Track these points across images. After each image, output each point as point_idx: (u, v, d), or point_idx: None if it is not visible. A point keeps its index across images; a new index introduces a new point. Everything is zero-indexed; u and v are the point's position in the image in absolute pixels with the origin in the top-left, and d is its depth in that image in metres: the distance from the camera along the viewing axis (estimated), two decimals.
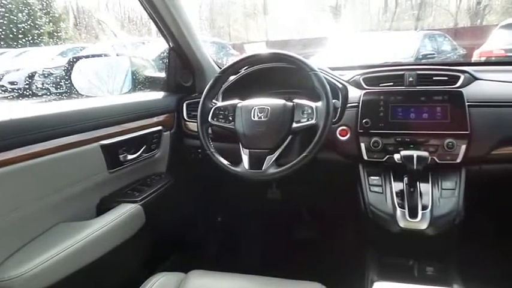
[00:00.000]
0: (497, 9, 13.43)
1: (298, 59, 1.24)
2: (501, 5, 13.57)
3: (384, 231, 1.19)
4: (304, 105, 1.21)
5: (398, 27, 12.90)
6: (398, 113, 1.28)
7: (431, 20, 13.58)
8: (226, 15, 13.81)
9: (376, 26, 13.77)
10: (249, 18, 13.73)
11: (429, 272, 1.22)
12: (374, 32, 12.21)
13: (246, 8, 13.73)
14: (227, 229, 2.00)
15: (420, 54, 6.07)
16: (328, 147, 1.30)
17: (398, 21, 13.46)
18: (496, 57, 5.51)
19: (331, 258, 1.57)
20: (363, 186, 1.28)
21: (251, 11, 13.76)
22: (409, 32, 9.26)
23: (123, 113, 1.34)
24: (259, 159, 1.20)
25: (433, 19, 13.69)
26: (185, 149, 1.62)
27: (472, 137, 1.20)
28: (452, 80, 1.31)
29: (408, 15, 13.84)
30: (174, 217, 1.67)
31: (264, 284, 1.03)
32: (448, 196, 1.18)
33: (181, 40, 1.52)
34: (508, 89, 1.29)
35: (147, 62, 1.81)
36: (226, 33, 13.24)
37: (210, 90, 1.33)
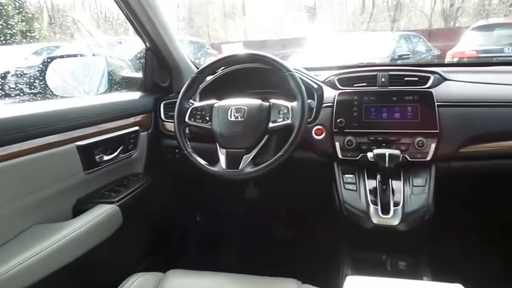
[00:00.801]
0: (469, 12, 13.83)
1: (274, 59, 1.26)
2: (473, 7, 13.97)
3: (358, 227, 1.23)
4: (280, 105, 1.23)
5: (375, 28, 13.12)
6: (371, 113, 1.32)
7: (407, 21, 13.87)
8: (205, 14, 13.74)
9: (353, 26, 13.97)
10: (228, 18, 13.71)
11: (401, 266, 1.27)
12: (351, 32, 12.39)
13: (225, 8, 13.70)
14: (206, 229, 2.01)
15: (396, 54, 6.20)
16: (304, 146, 1.33)
17: (375, 22, 13.69)
18: (468, 58, 5.68)
19: (308, 255, 1.60)
20: (338, 184, 1.31)
21: (230, 10, 13.74)
22: (385, 32, 9.44)
23: (99, 114, 1.33)
24: (236, 158, 1.22)
25: (409, 20, 13.99)
26: (162, 149, 1.62)
27: (441, 136, 1.25)
28: (423, 81, 1.35)
29: (384, 16, 14.10)
30: (152, 217, 1.66)
31: (241, 282, 1.05)
32: (419, 193, 1.23)
33: (157, 40, 1.51)
34: (475, 90, 1.35)
35: (124, 62, 1.80)
36: (205, 33, 13.16)
37: (187, 90, 1.34)
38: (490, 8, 13.50)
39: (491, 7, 13.54)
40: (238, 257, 1.85)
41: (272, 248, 1.83)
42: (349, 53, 5.49)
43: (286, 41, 8.52)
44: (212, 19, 13.70)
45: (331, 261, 1.35)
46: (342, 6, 14.37)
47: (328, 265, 1.31)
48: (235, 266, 1.79)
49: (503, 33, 5.90)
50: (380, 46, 6.36)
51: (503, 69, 1.61)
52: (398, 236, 1.22)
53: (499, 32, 5.95)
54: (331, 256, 1.37)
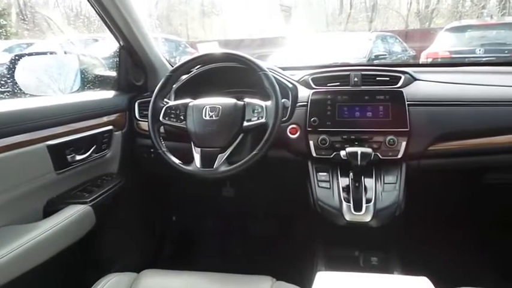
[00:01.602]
0: (444, 13, 14.19)
1: (249, 59, 1.27)
2: (447, 9, 14.35)
3: (332, 224, 1.25)
4: (254, 104, 1.24)
5: (353, 28, 13.30)
6: (344, 112, 1.34)
7: (384, 21, 14.13)
8: (183, 13, 13.63)
9: (331, 26, 14.13)
10: (207, 16, 13.64)
11: (373, 262, 1.30)
12: (330, 32, 12.53)
13: (204, 6, 13.62)
14: (182, 228, 2.00)
15: (373, 54, 6.31)
16: (279, 145, 1.34)
17: (352, 22, 13.88)
18: (441, 59, 5.83)
19: (283, 253, 1.62)
20: (312, 182, 1.33)
21: (209, 9, 13.67)
22: (362, 33, 9.59)
23: (71, 112, 1.31)
24: (211, 157, 1.22)
25: (386, 21, 14.25)
26: (137, 149, 1.60)
27: (411, 134, 1.28)
28: (394, 81, 1.38)
29: (362, 16, 14.32)
30: (127, 217, 1.65)
31: (215, 280, 1.05)
32: (390, 190, 1.26)
33: (131, 38, 1.50)
34: (444, 89, 1.39)
35: (97, 60, 1.77)
36: (184, 31, 13.07)
37: (161, 89, 1.33)
38: (463, 10, 13.88)
39: (464, 9, 13.93)
40: (214, 255, 1.85)
41: (248, 246, 1.84)
42: (327, 53, 5.56)
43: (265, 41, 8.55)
44: (191, 17, 13.61)
45: (305, 258, 1.37)
46: (321, 6, 14.51)
47: (303, 262, 1.33)
48: (211, 264, 1.79)
49: (474, 34, 6.08)
50: (357, 46, 6.46)
51: (472, 69, 1.67)
52: (370, 232, 1.25)
53: (471, 34, 6.13)
54: (305, 253, 1.39)
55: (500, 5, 13.13)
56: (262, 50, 6.46)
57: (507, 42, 5.71)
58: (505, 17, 11.26)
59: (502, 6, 13.00)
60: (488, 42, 5.81)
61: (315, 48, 6.14)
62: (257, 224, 1.95)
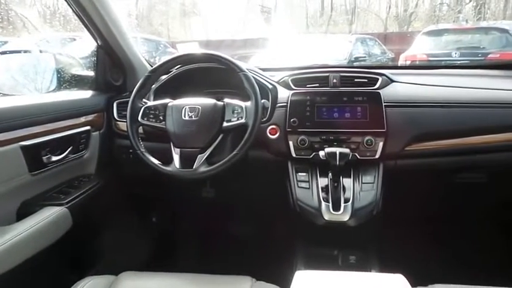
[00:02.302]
0: (422, 17, 14.52)
1: (229, 59, 1.27)
2: (425, 13, 14.69)
3: (311, 224, 1.26)
4: (234, 104, 1.24)
5: (333, 30, 13.46)
6: (323, 113, 1.36)
7: (364, 24, 14.35)
8: (164, 12, 13.51)
9: (312, 28, 14.26)
10: (188, 16, 13.55)
11: (352, 260, 1.32)
12: (311, 34, 12.65)
13: (185, 6, 13.53)
14: (161, 229, 1.99)
15: (353, 56, 6.41)
16: (259, 145, 1.35)
17: (333, 24, 14.05)
18: (419, 61, 5.96)
19: (263, 253, 1.62)
20: (291, 182, 1.34)
21: (190, 9, 13.59)
22: (343, 35, 9.71)
23: (47, 113, 1.28)
24: (191, 158, 1.22)
25: (366, 23, 14.48)
26: (116, 149, 1.58)
27: (388, 135, 1.31)
28: (372, 82, 1.41)
29: (343, 19, 14.50)
30: (105, 219, 1.62)
31: (195, 281, 1.05)
32: (368, 189, 1.28)
33: (109, 38, 1.47)
34: (419, 91, 1.42)
35: (74, 59, 1.73)
36: (164, 31, 12.95)
37: (140, 89, 1.32)
38: (440, 14, 14.25)
39: (442, 13, 14.30)
40: (195, 256, 1.84)
41: (228, 246, 1.84)
42: (308, 55, 5.60)
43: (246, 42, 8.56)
44: (171, 17, 13.50)
45: (285, 258, 1.38)
46: (302, 8, 14.63)
47: (283, 262, 1.33)
48: (191, 265, 1.78)
49: (451, 38, 6.25)
50: (338, 48, 6.55)
51: (447, 72, 1.71)
52: (348, 231, 1.27)
53: (447, 37, 6.29)
54: (285, 253, 1.40)
55: (475, 10, 13.53)
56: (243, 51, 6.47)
57: (481, 46, 5.89)
58: (480, 21, 11.61)
59: (477, 12, 13.41)
60: (463, 46, 5.97)
61: (297, 49, 6.20)
62: (237, 224, 1.95)
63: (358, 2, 14.83)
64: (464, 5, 13.73)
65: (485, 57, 5.51)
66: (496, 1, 14.00)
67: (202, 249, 1.89)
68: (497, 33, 5.96)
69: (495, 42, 5.81)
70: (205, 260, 1.77)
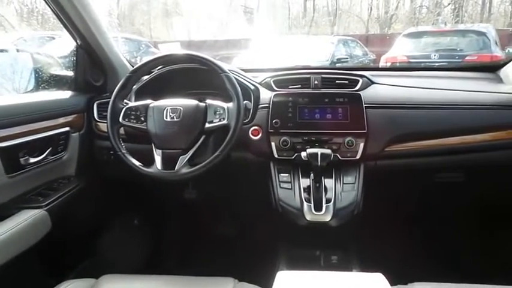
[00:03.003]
0: (402, 19, 14.79)
1: (211, 60, 1.27)
2: (405, 15, 14.97)
3: (293, 224, 1.27)
4: (216, 105, 1.24)
5: (316, 31, 13.58)
6: (305, 114, 1.37)
7: (346, 26, 14.53)
8: (146, 12, 13.37)
9: (295, 29, 14.35)
10: (171, 16, 13.45)
11: (333, 260, 1.33)
12: (294, 35, 12.71)
13: (167, 6, 13.42)
14: (144, 232, 1.97)
15: (335, 58, 6.47)
16: (242, 146, 1.35)
17: (315, 26, 14.17)
18: (399, 63, 6.06)
19: (246, 254, 1.62)
20: (274, 183, 1.34)
21: (172, 9, 13.49)
22: (325, 36, 9.79)
23: (24, 113, 1.25)
24: (172, 159, 1.21)
25: (348, 25, 14.66)
26: (96, 151, 1.56)
27: (369, 136, 1.32)
28: (352, 84, 1.43)
29: (325, 20, 14.64)
30: (86, 221, 1.60)
31: (177, 283, 1.04)
32: (349, 190, 1.29)
33: (89, 37, 1.45)
34: (399, 92, 1.44)
35: (53, 59, 1.70)
36: (146, 31, 12.81)
37: (121, 90, 1.30)
38: (420, 17, 14.55)
39: (421, 15, 14.59)
40: (177, 258, 1.83)
41: (211, 248, 1.84)
42: (291, 56, 5.63)
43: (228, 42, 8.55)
44: (153, 17, 13.37)
45: (268, 258, 1.38)
46: (285, 9, 14.70)
47: (265, 262, 1.34)
48: (174, 267, 1.77)
49: (430, 40, 6.37)
50: (320, 49, 6.61)
51: (426, 74, 1.74)
52: (330, 232, 1.28)
53: (427, 40, 6.42)
54: (268, 254, 1.40)
55: (453, 13, 13.86)
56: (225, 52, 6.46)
57: (459, 48, 6.03)
58: (458, 24, 11.89)
59: (455, 14, 13.75)
60: (442, 48, 6.10)
61: (279, 50, 6.22)
62: (220, 226, 1.95)
63: (340, 4, 15.02)
64: (443, 8, 14.06)
65: (463, 59, 5.63)
66: (473, 4, 14.39)
67: (185, 251, 1.88)
68: (475, 36, 6.11)
69: (472, 45, 5.95)
70: (188, 262, 1.76)
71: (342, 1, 15.19)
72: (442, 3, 14.03)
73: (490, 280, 0.94)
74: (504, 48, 5.93)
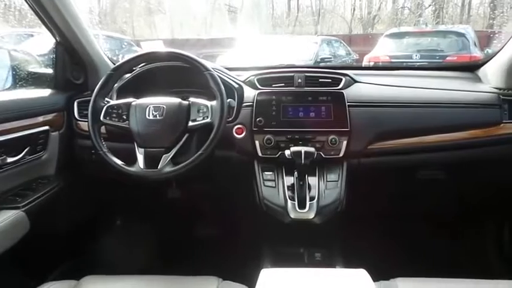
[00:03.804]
0: (384, 20, 15.00)
1: (194, 58, 1.26)
2: (388, 16, 15.19)
3: (277, 222, 1.27)
4: (199, 104, 1.23)
5: (300, 31, 13.65)
6: (289, 112, 1.37)
7: (330, 26, 14.65)
8: (129, 10, 13.19)
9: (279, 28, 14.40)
10: (154, 14, 13.31)
11: (317, 258, 1.34)
12: (278, 35, 12.75)
13: (150, 4, 13.27)
14: (127, 232, 1.94)
15: (319, 57, 6.51)
16: (225, 145, 1.35)
17: (300, 25, 14.24)
18: (382, 63, 6.13)
19: (230, 253, 1.62)
20: (258, 181, 1.35)
21: (155, 7, 13.35)
22: (309, 36, 9.85)
23: (1, 112, 1.22)
24: (155, 158, 1.20)
25: (331, 25, 14.79)
26: (77, 150, 1.53)
27: (352, 134, 1.34)
28: (336, 82, 1.44)
29: (309, 20, 14.74)
30: (66, 222, 1.57)
31: (160, 283, 1.03)
32: (332, 187, 1.31)
33: (69, 34, 1.42)
34: (381, 91, 1.46)
35: (31, 56, 1.66)
36: (129, 29, 12.65)
37: (102, 88, 1.28)
38: (402, 17, 14.79)
39: (403, 16, 14.83)
40: (161, 258, 1.81)
41: (196, 247, 1.82)
42: (275, 55, 5.63)
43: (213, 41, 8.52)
44: (136, 15, 13.20)
45: (252, 257, 1.38)
46: (269, 8, 14.74)
47: (250, 261, 1.34)
48: (157, 267, 1.75)
49: (411, 41, 6.47)
50: (304, 49, 6.63)
51: (407, 73, 1.77)
52: (314, 229, 1.29)
53: (408, 40, 6.51)
54: (252, 252, 1.41)
55: (434, 14, 14.14)
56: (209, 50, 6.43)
57: (439, 48, 6.13)
58: (439, 25, 12.12)
59: (436, 15, 14.03)
60: (423, 48, 6.20)
61: (264, 50, 6.22)
62: (204, 225, 1.94)
63: (324, 4, 15.15)
64: (424, 9, 14.33)
65: (443, 60, 5.74)
66: (453, 6, 14.70)
67: (169, 251, 1.86)
68: (455, 36, 6.22)
69: (452, 46, 6.06)
70: (172, 262, 1.74)
71: (325, 1, 15.34)
72: (423, 5, 14.30)
73: (471, 274, 0.96)
74: (483, 49, 6.04)
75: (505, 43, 1.46)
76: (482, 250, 1.75)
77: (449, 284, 0.96)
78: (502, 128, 1.36)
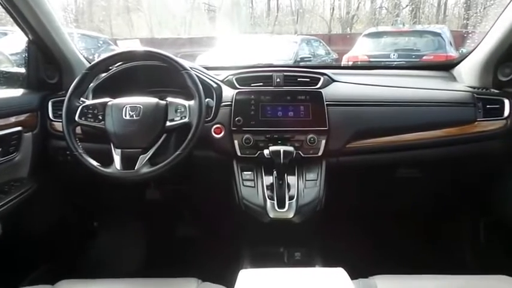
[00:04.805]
0: (363, 19, 15.22)
1: (171, 57, 1.24)
2: (366, 16, 15.41)
3: (256, 222, 1.27)
4: (177, 103, 1.22)
5: (280, 30, 13.70)
6: (268, 112, 1.37)
7: (309, 25, 14.77)
8: (107, 8, 12.95)
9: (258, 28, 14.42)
10: (132, 13, 13.12)
11: (297, 257, 1.35)
12: (258, 34, 12.77)
13: (128, 2, 13.08)
14: (104, 234, 1.90)
15: (299, 57, 6.56)
16: (204, 145, 1.34)
17: (279, 25, 14.29)
18: (361, 62, 6.21)
19: (210, 253, 1.61)
20: (237, 181, 1.34)
21: (134, 6, 13.16)
22: (289, 36, 9.90)
23: None
24: (132, 159, 1.18)
25: (311, 25, 14.90)
26: (51, 151, 1.49)
27: (330, 133, 1.35)
28: (314, 82, 1.44)
29: (288, 20, 14.81)
30: (41, 225, 1.53)
31: (139, 286, 1.02)
32: (311, 186, 1.31)
33: (42, 32, 1.38)
34: (359, 90, 1.48)
35: (3, 55, 1.61)
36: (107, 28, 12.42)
37: (77, 87, 1.25)
38: (380, 17, 15.04)
39: (381, 16, 15.08)
40: (139, 260, 1.79)
41: (175, 248, 1.81)
42: (255, 55, 5.64)
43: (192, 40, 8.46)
44: (115, 14, 12.98)
45: (232, 257, 1.38)
46: (249, 8, 14.74)
47: (229, 262, 1.33)
48: (137, 270, 1.73)
49: (389, 40, 6.59)
50: (284, 49, 6.66)
51: (385, 72, 1.79)
52: (293, 228, 1.29)
53: (386, 39, 6.63)
54: (232, 253, 1.40)
55: (411, 14, 14.44)
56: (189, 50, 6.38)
57: (415, 48, 6.26)
58: (416, 25, 12.37)
59: (413, 15, 14.33)
60: (401, 48, 6.31)
61: (244, 49, 6.22)
62: (183, 226, 1.92)
63: (303, 4, 15.25)
64: (402, 9, 14.61)
65: (420, 59, 5.86)
66: (430, 6, 15.04)
67: (148, 253, 1.84)
68: (431, 36, 6.36)
69: (429, 45, 6.19)
70: (150, 264, 1.72)
71: (305, 1, 15.47)
72: (400, 5, 14.56)
73: (447, 270, 0.98)
74: (458, 49, 6.19)
75: (478, 43, 1.50)
76: (458, 247, 1.79)
77: (427, 280, 0.98)
78: (477, 126, 1.39)
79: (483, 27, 1.39)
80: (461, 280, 0.97)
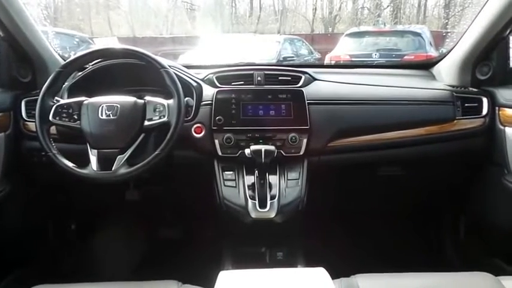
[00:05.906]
0: (345, 19, 15.38)
1: (149, 55, 1.22)
2: (348, 16, 15.59)
3: (238, 222, 1.26)
4: (156, 102, 1.19)
5: (263, 30, 13.72)
6: (249, 110, 1.36)
7: (292, 25, 14.84)
8: (86, 6, 12.72)
9: (241, 27, 14.42)
10: (112, 11, 12.93)
11: (279, 257, 1.33)
12: (241, 34, 12.75)
13: (109, 1, 12.88)
14: (82, 237, 1.86)
15: (281, 56, 6.59)
16: (184, 144, 1.31)
17: (262, 24, 14.32)
18: (343, 61, 6.26)
19: (191, 255, 1.59)
20: (218, 181, 1.32)
21: (114, 4, 12.97)
22: (272, 35, 9.92)
23: None
24: (109, 159, 1.15)
25: (294, 24, 14.98)
26: (25, 152, 1.44)
27: (312, 132, 1.34)
28: (295, 80, 1.43)
29: (271, 19, 14.86)
30: (15, 228, 1.48)
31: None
32: (293, 186, 1.30)
33: (13, 29, 1.33)
34: (340, 89, 1.47)
35: None
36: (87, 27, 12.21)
37: (51, 86, 1.21)
38: (362, 17, 15.24)
39: (363, 16, 15.28)
40: (119, 263, 1.75)
41: (155, 250, 1.78)
42: (237, 54, 5.63)
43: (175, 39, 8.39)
44: (95, 12, 12.78)
45: (213, 259, 1.36)
46: (231, 7, 14.72)
47: (210, 263, 1.31)
48: (115, 273, 1.69)
49: (371, 40, 6.67)
50: (267, 48, 6.68)
51: (366, 71, 1.80)
52: (275, 228, 1.28)
53: (368, 39, 6.71)
54: (213, 254, 1.38)
55: (392, 14, 14.67)
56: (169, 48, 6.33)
57: (396, 47, 6.36)
58: (397, 25, 12.57)
59: (394, 16, 14.56)
60: (382, 47, 6.40)
61: (226, 49, 6.20)
62: (164, 227, 1.89)
63: (286, 4, 15.31)
64: (383, 10, 14.83)
65: (401, 59, 5.94)
66: (410, 7, 15.31)
67: (127, 255, 1.80)
68: (411, 36, 6.47)
69: (409, 45, 6.29)
70: (129, 267, 1.69)
71: (288, 1, 15.53)
72: (381, 5, 14.77)
73: (429, 268, 0.98)
74: (438, 49, 6.30)
75: (456, 42, 1.51)
76: (439, 244, 1.81)
77: (408, 278, 0.98)
78: (456, 124, 1.41)
79: (462, 27, 1.42)
80: (443, 277, 0.97)
